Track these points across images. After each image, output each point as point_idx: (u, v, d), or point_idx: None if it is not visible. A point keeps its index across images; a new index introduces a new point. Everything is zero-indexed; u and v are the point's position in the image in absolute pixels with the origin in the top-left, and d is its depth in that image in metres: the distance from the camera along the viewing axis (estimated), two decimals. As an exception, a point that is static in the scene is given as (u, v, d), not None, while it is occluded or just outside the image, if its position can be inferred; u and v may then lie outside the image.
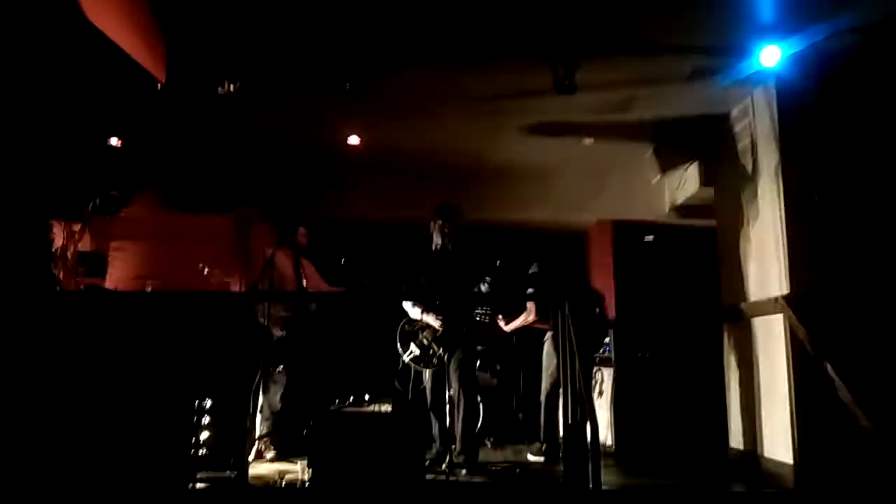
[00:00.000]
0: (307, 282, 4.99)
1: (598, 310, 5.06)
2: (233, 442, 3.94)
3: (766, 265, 4.40)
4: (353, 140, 5.59)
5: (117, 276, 6.22)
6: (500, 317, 5.21)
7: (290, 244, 4.98)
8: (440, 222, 4.56)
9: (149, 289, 5.60)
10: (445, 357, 4.42)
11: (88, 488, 3.37)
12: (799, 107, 4.20)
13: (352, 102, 4.41)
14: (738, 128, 4.84)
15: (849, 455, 3.60)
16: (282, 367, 4.74)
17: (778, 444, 4.13)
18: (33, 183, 4.90)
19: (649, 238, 7.08)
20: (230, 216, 6.67)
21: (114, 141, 5.67)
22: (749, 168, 4.66)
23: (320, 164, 6.10)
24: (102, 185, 5.64)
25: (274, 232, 5.38)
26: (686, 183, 5.80)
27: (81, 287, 5.76)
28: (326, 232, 6.72)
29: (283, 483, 3.93)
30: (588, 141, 5.49)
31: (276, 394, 4.76)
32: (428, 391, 4.52)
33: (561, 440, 3.93)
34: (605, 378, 5.41)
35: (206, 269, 5.18)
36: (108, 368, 3.65)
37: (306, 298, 5.18)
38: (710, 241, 5.35)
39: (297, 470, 4.08)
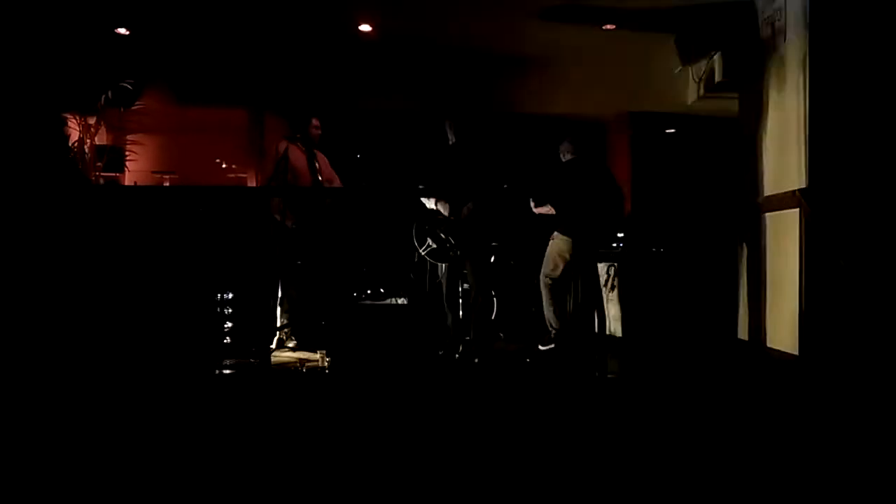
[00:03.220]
0: (321, 175, 5.03)
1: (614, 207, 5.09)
2: (255, 331, 4.13)
3: (785, 159, 4.34)
4: (365, 28, 5.46)
5: (135, 170, 6.29)
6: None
7: (303, 138, 4.97)
8: (449, 122, 4.57)
9: (167, 183, 5.68)
10: (459, 252, 4.52)
11: (122, 377, 3.60)
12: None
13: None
14: (765, 15, 4.64)
15: (852, 347, 3.71)
16: (299, 262, 4.86)
17: (784, 336, 4.25)
18: (44, 75, 4.90)
19: (669, 131, 6.93)
20: (243, 109, 6.62)
21: (122, 30, 5.59)
22: (774, 58, 4.49)
23: (333, 54, 5.98)
24: (114, 77, 5.60)
25: (287, 124, 5.34)
26: (710, 74, 5.62)
27: (101, 181, 5.85)
28: (341, 123, 6.71)
29: (304, 369, 4.14)
30: (609, 27, 5.32)
31: (297, 287, 4.90)
32: (444, 284, 4.66)
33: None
34: (616, 273, 5.51)
35: (223, 164, 5.21)
36: (135, 261, 3.80)
37: (321, 194, 5.23)
38: (732, 135, 5.25)
39: (317, 358, 4.30)
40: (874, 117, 3.95)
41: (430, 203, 4.55)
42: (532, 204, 4.97)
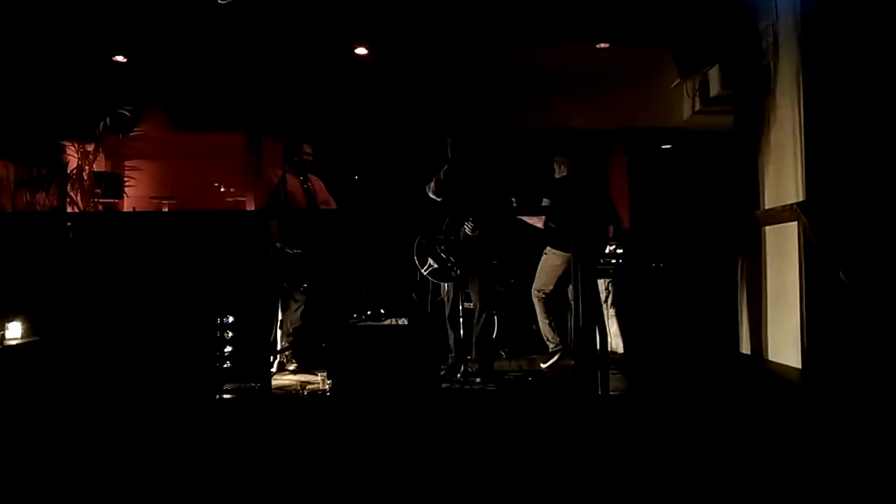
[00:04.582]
0: (317, 199, 5.04)
1: (611, 227, 5.15)
2: (256, 355, 4.13)
3: (783, 172, 4.36)
4: (361, 51, 5.52)
5: (134, 196, 6.32)
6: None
7: (296, 164, 4.99)
8: (449, 140, 4.61)
9: (165, 208, 5.71)
10: (459, 271, 4.52)
11: (121, 402, 3.59)
12: (823, 5, 4.03)
13: (356, 8, 4.31)
14: (760, 26, 4.68)
15: (855, 360, 3.70)
16: (304, 286, 4.88)
17: (786, 349, 4.25)
18: (42, 104, 4.94)
19: (666, 146, 6.98)
20: (241, 133, 6.66)
21: (119, 58, 5.65)
22: (770, 70, 4.53)
23: (329, 76, 6.04)
24: (112, 104, 5.66)
25: (282, 149, 5.38)
26: (706, 86, 5.68)
27: (100, 208, 5.88)
28: (339, 145, 6.74)
29: (305, 393, 4.14)
30: (603, 45, 5.38)
31: (297, 310, 4.92)
32: (447, 303, 4.67)
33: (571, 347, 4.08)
34: (616, 288, 5.51)
35: (221, 188, 5.25)
36: (135, 287, 3.81)
37: (320, 216, 5.26)
38: (728, 149, 5.29)
39: (318, 381, 4.29)
40: (871, 128, 3.97)
41: (467, 228, 4.54)
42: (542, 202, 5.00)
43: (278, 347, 4.82)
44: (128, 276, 3.83)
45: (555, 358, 4.97)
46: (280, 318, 4.87)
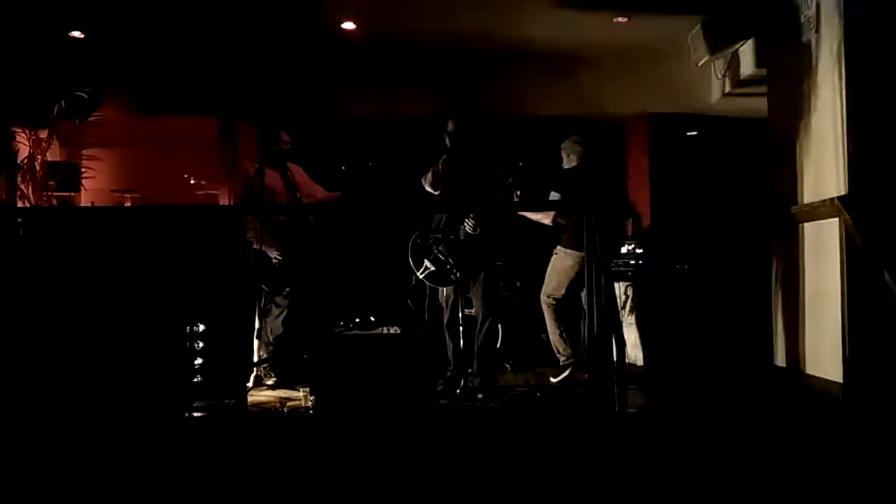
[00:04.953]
0: (299, 191, 5.02)
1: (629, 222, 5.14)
2: (230, 368, 4.10)
3: (823, 163, 4.34)
4: (348, 25, 5.49)
5: (92, 189, 6.29)
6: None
7: (274, 155, 4.95)
8: (451, 121, 4.56)
9: (128, 203, 5.68)
10: (459, 273, 4.49)
11: (80, 421, 3.56)
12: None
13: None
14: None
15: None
16: (287, 290, 4.86)
17: (826, 361, 4.23)
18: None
19: (691, 133, 6.95)
20: (214, 118, 6.63)
21: (75, 33, 5.62)
22: (810, 48, 4.51)
23: (312, 54, 6.01)
24: (67, 85, 5.63)
25: (258, 137, 5.35)
26: (737, 65, 5.66)
27: (53, 202, 5.84)
28: (323, 132, 6.71)
29: (285, 410, 4.11)
30: (622, 19, 5.37)
31: (279, 317, 4.90)
32: (445, 310, 4.65)
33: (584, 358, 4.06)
34: (635, 293, 5.50)
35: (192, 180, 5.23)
36: (93, 291, 3.78)
37: (303, 210, 5.23)
38: (761, 137, 5.27)
39: (300, 397, 4.27)
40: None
41: (468, 225, 4.51)
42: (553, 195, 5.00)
43: (255, 359, 4.80)
44: (85, 279, 3.80)
45: (566, 372, 4.96)
46: (258, 326, 4.84)
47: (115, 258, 3.87)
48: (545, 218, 5.00)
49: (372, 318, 4.86)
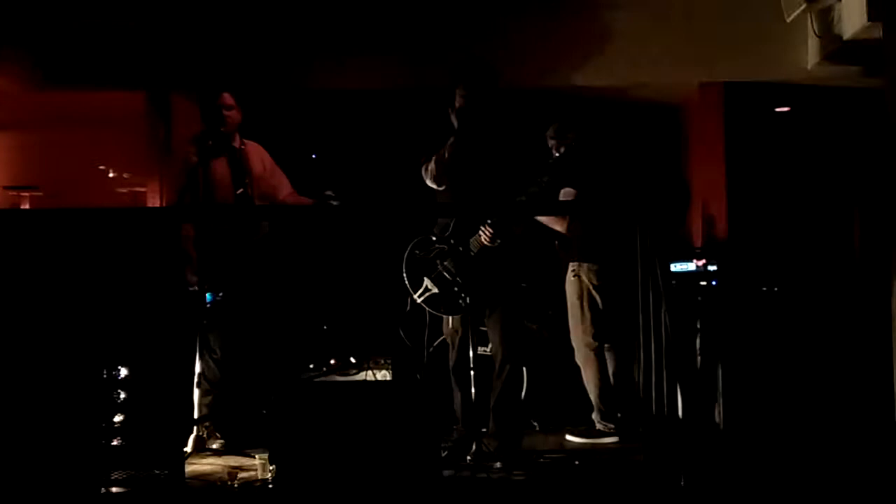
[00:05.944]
0: (257, 186, 5.02)
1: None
2: (161, 426, 4.11)
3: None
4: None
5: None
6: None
7: (218, 137, 4.92)
8: (460, 92, 4.58)
9: (25, 204, 5.70)
10: (470, 299, 4.49)
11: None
12: None
13: None
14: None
15: None
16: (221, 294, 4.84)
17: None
18: None
19: (781, 109, 6.97)
20: (140, 91, 6.67)
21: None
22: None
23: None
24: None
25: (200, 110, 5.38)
26: (843, 18, 5.67)
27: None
28: (288, 109, 6.74)
29: (236, 484, 4.10)
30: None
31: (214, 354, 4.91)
32: (452, 348, 4.66)
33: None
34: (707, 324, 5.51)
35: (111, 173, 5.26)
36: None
37: (259, 215, 5.24)
38: (875, 112, 5.27)
39: (255, 465, 4.26)
40: None
41: (483, 234, 4.53)
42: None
43: (196, 415, 4.78)
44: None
45: (616, 437, 4.99)
46: (198, 369, 4.84)
47: (6, 278, 3.88)
48: (556, 224, 5.10)
49: (352, 359, 4.87)
